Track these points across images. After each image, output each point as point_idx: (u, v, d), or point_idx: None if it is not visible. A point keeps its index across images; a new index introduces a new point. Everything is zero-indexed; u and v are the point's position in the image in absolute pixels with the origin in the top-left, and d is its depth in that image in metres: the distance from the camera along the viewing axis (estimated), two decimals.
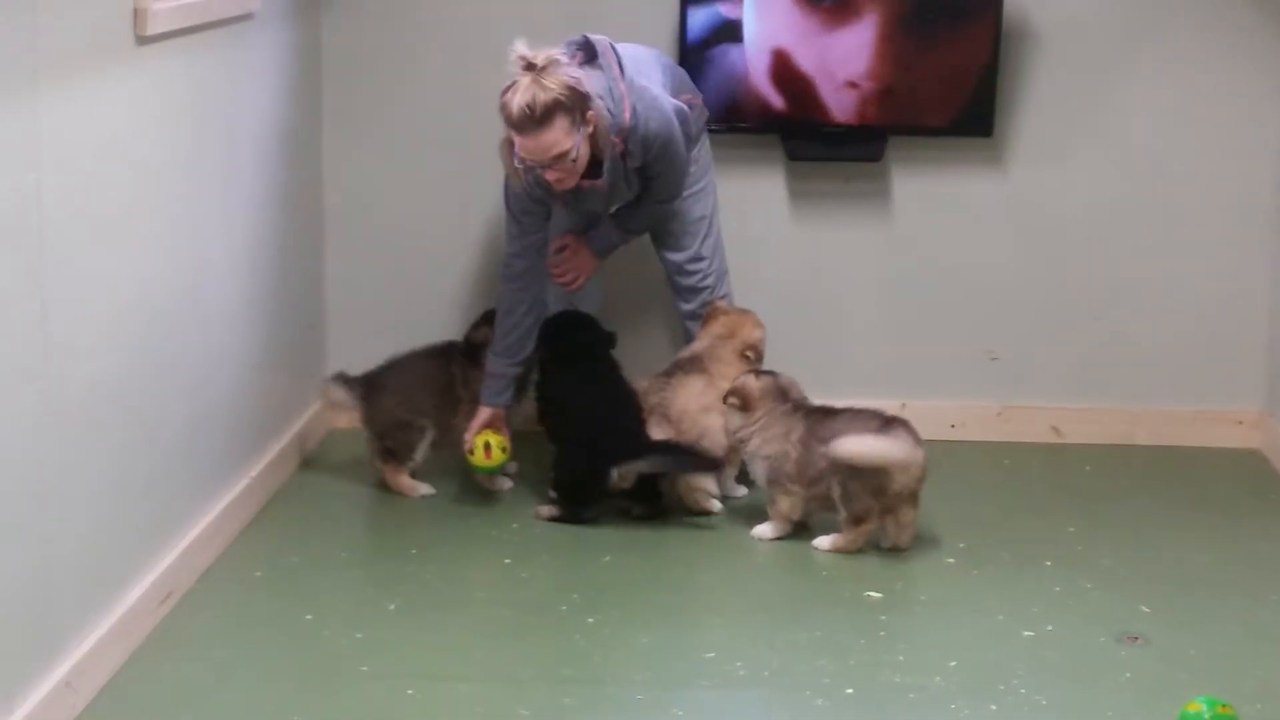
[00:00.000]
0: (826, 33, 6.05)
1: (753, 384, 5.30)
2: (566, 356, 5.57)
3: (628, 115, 5.22)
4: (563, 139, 5.06)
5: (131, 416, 4.42)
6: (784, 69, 6.07)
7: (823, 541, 5.18)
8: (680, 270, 5.71)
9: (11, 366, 3.70)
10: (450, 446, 5.69)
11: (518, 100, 5.01)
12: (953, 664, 4.42)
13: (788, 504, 5.20)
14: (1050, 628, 4.67)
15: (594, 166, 5.26)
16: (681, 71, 5.74)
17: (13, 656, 3.75)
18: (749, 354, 5.59)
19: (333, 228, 6.33)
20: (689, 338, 5.73)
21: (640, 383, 5.58)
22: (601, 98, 5.18)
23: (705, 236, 5.71)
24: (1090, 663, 4.46)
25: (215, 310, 5.08)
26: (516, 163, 5.20)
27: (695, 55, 6.05)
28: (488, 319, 5.62)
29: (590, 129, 5.13)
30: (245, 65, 5.32)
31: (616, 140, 5.23)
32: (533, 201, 5.34)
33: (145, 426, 4.52)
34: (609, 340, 5.67)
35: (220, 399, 5.13)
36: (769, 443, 5.22)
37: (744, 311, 5.69)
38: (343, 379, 5.79)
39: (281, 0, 5.61)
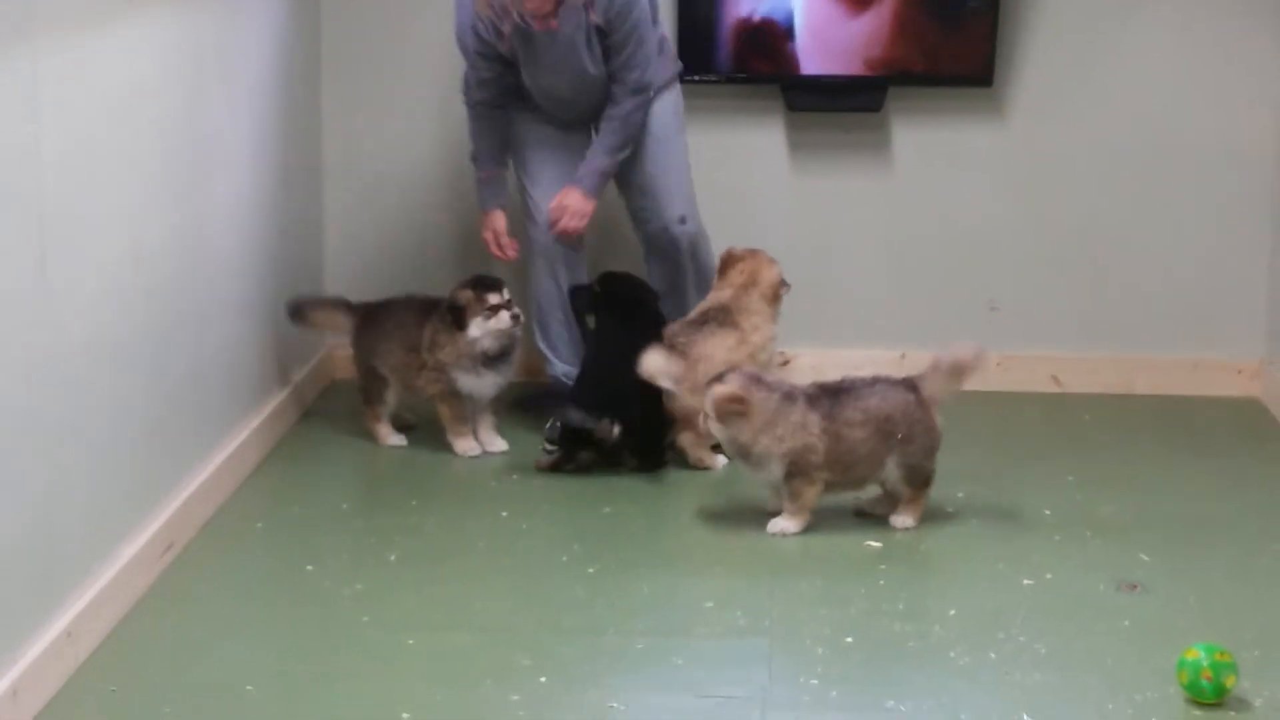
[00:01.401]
0: None
1: (729, 388, 4.92)
2: (615, 316, 5.59)
3: None
4: None
5: (131, 368, 4.42)
6: (783, 20, 6.06)
7: (902, 519, 5.04)
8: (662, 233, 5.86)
9: (11, 319, 3.70)
10: (413, 405, 5.74)
11: None
12: (952, 612, 4.43)
13: (814, 494, 4.99)
14: (1050, 576, 4.67)
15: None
16: None
17: (14, 608, 3.76)
18: (780, 294, 5.60)
19: (331, 178, 6.33)
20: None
21: (670, 327, 5.53)
22: None
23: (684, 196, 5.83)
24: (1089, 611, 4.46)
25: (214, 262, 5.08)
26: None
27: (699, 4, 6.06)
28: (471, 283, 5.53)
29: None
30: (242, 14, 5.31)
31: None
32: (484, 43, 5.57)
33: (145, 378, 4.52)
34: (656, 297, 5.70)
35: (220, 350, 5.14)
36: (782, 440, 4.91)
37: (754, 253, 5.67)
38: (345, 305, 5.80)
39: None
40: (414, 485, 5.35)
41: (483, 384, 5.53)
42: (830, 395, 4.99)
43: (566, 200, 5.67)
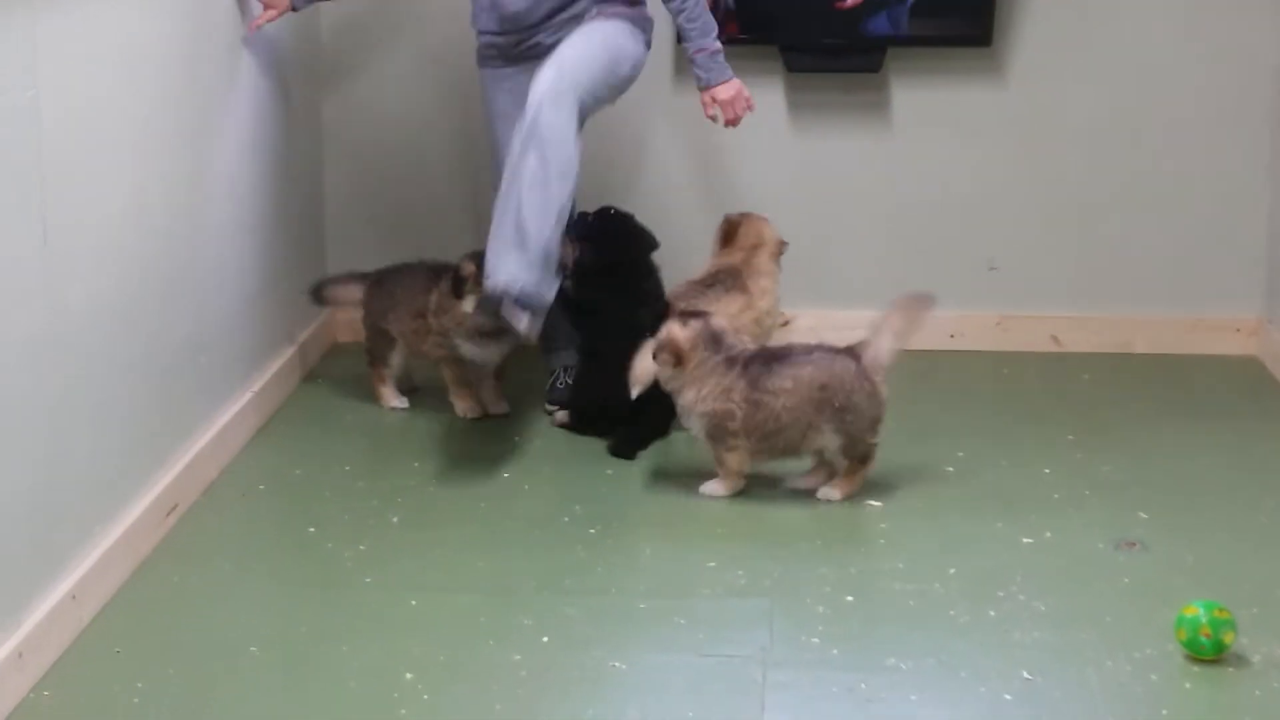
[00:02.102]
0: None
1: (680, 334, 4.89)
2: (609, 263, 5.45)
3: None
4: None
5: (134, 332, 4.43)
6: None
7: (829, 492, 4.96)
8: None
9: (13, 284, 3.71)
10: (420, 369, 5.76)
11: None
12: (952, 571, 4.45)
13: (736, 459, 4.92)
14: (1049, 535, 4.69)
15: None
16: None
17: (19, 570, 3.78)
18: (781, 253, 5.62)
19: (331, 142, 6.33)
20: None
21: (677, 289, 5.53)
22: None
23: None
24: (1088, 569, 4.48)
25: (215, 226, 5.09)
26: None
27: None
28: (476, 256, 5.38)
29: None
30: None
31: None
32: None
33: (147, 342, 4.53)
34: (653, 244, 5.55)
35: (222, 314, 5.15)
36: (704, 400, 4.87)
37: (749, 215, 5.69)
38: (359, 275, 5.83)
39: None
40: (416, 447, 5.37)
41: (485, 352, 5.51)
42: (764, 362, 4.90)
43: (720, 98, 5.39)
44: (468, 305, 5.34)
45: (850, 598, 4.30)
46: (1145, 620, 4.13)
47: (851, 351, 4.92)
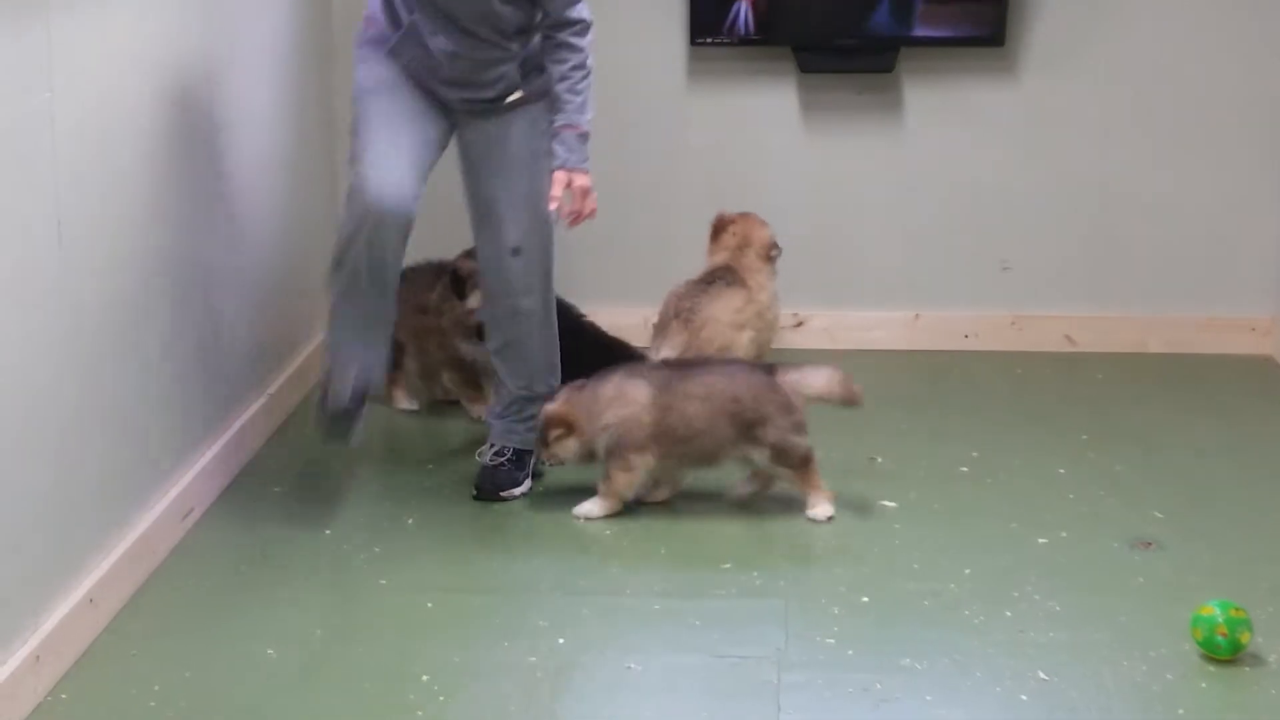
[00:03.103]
0: None
1: (552, 409, 4.81)
2: None
3: None
4: None
5: (149, 334, 4.44)
6: None
7: (816, 510, 4.83)
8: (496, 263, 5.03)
9: (28, 286, 3.71)
10: (427, 376, 5.73)
11: None
12: (967, 571, 4.45)
13: (626, 480, 4.79)
14: (1064, 534, 4.69)
15: None
16: None
17: (36, 573, 3.78)
18: (772, 255, 5.61)
19: (345, 140, 6.32)
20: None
21: (675, 288, 5.51)
22: None
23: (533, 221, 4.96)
24: (1104, 569, 4.48)
25: (231, 226, 5.09)
26: None
27: None
28: (473, 252, 5.32)
29: None
30: None
31: None
32: None
33: (163, 344, 4.54)
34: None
35: (237, 315, 5.15)
36: (610, 422, 4.77)
37: (745, 215, 5.69)
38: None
39: None
40: (431, 448, 5.38)
41: (479, 352, 5.43)
42: (676, 370, 4.88)
43: (576, 184, 4.80)
44: (473, 300, 5.35)
45: (865, 598, 4.30)
46: (1161, 620, 4.13)
47: (769, 368, 4.88)
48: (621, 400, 4.77)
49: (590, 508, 4.83)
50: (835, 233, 6.30)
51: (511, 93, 4.84)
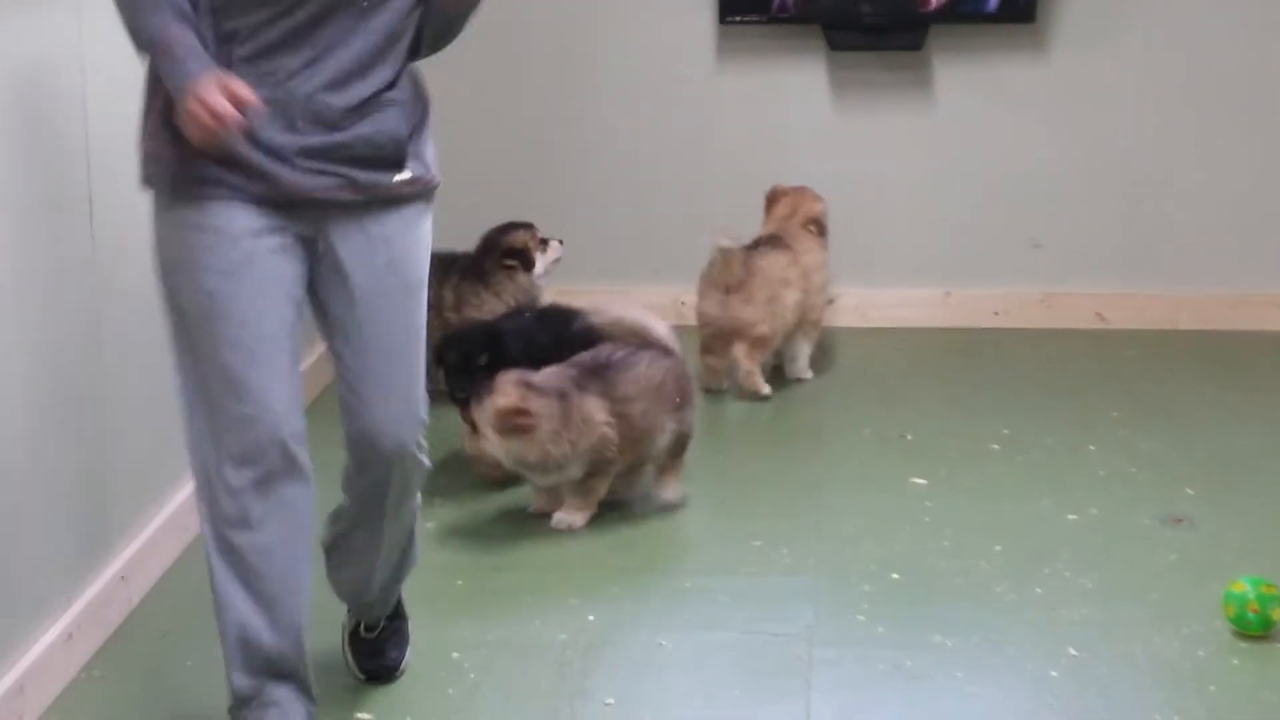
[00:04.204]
0: None
1: (519, 396, 4.41)
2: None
3: None
4: None
5: None
6: None
7: (670, 493, 4.74)
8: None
9: (62, 269, 3.73)
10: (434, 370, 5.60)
11: None
12: (997, 548, 4.44)
13: (605, 485, 4.62)
14: (1095, 511, 4.68)
15: None
16: None
17: (70, 551, 3.80)
18: (812, 227, 5.63)
19: None
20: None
21: (724, 253, 5.51)
22: None
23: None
24: (1135, 545, 4.47)
25: None
26: None
27: None
28: (507, 227, 5.40)
29: None
30: None
31: None
32: None
33: None
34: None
35: None
36: (578, 441, 4.48)
37: (801, 188, 5.72)
38: None
39: None
40: (458, 428, 5.37)
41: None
42: (597, 374, 4.55)
43: None
44: (540, 267, 5.41)
45: (895, 575, 4.30)
46: (1192, 596, 4.12)
47: (665, 348, 4.69)
48: (588, 423, 4.48)
49: (572, 519, 4.59)
50: (866, 211, 6.28)
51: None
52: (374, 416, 3.47)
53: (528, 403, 4.40)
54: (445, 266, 5.35)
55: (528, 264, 5.45)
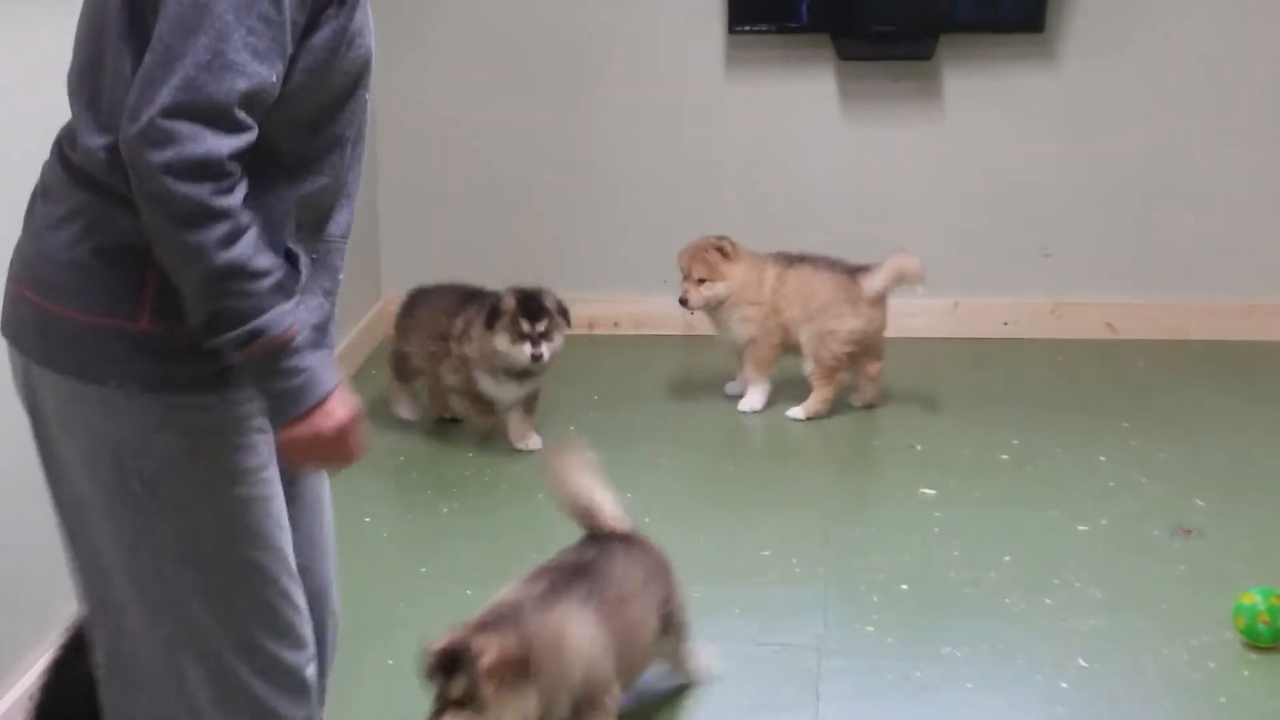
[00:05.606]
0: None
1: (499, 649, 3.18)
2: None
3: None
4: None
5: None
6: None
7: None
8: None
9: None
10: (437, 395, 5.52)
11: None
12: (1007, 559, 4.44)
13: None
14: (1104, 522, 4.68)
15: None
16: None
17: None
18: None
19: (385, 140, 6.33)
20: None
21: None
22: None
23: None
24: (1145, 556, 4.46)
25: None
26: None
27: None
28: (521, 297, 5.11)
29: None
30: None
31: None
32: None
33: None
34: None
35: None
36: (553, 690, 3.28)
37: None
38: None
39: None
40: (468, 438, 5.38)
41: (502, 390, 5.23)
42: (579, 577, 3.51)
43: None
44: (500, 342, 5.11)
45: (905, 586, 4.29)
46: (1202, 607, 4.11)
47: (631, 536, 3.79)
48: (575, 647, 3.37)
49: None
50: (874, 220, 6.28)
51: None
52: None
53: (523, 649, 3.24)
54: (467, 299, 5.32)
55: (490, 322, 5.13)
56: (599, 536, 3.70)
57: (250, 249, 2.32)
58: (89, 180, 2.41)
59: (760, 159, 6.27)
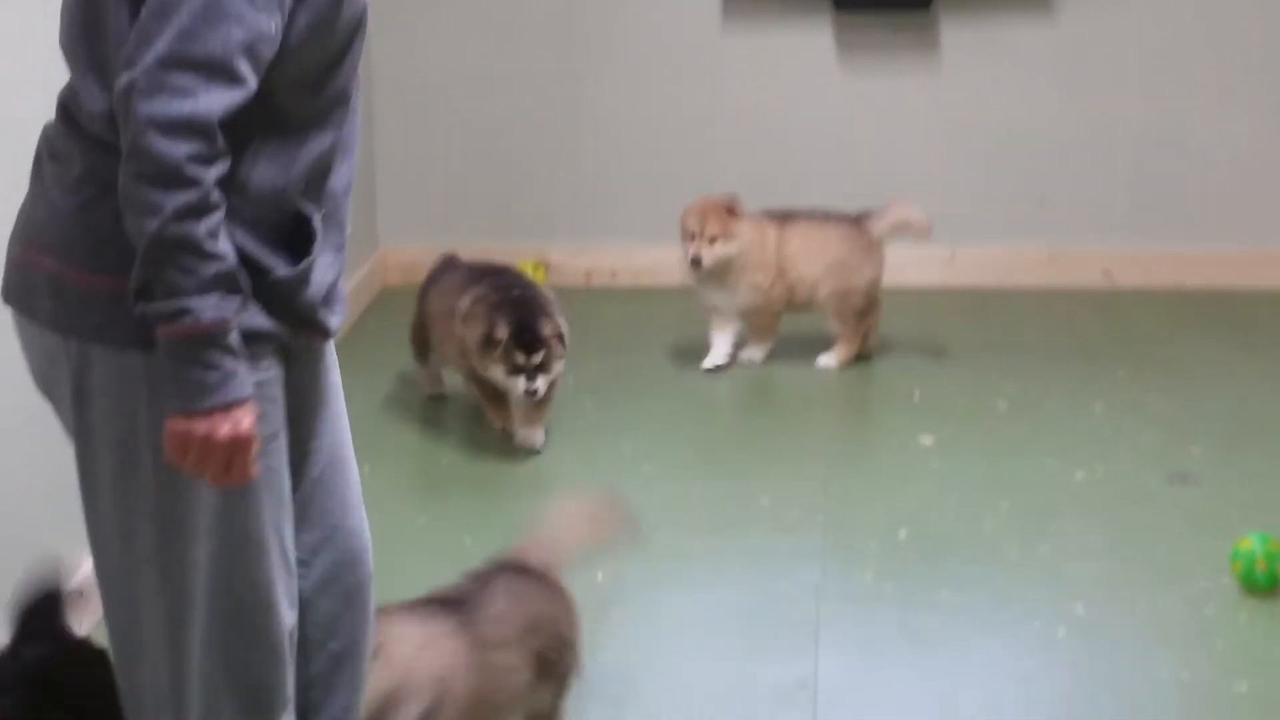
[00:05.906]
0: None
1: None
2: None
3: None
4: None
5: None
6: None
7: None
8: None
9: None
10: (433, 370, 5.36)
11: None
12: (1004, 506, 4.45)
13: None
14: (1101, 470, 4.69)
15: None
16: None
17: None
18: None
19: (381, 89, 6.31)
20: None
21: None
22: None
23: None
24: (1142, 503, 4.48)
25: None
26: None
27: None
28: (517, 327, 4.80)
29: None
30: None
31: None
32: None
33: None
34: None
35: None
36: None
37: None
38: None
39: None
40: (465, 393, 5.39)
41: (509, 382, 4.87)
42: (461, 609, 3.32)
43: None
44: (495, 372, 4.85)
45: (902, 533, 4.31)
46: (1199, 554, 4.13)
47: (537, 567, 3.54)
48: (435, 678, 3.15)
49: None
50: (872, 170, 6.27)
51: None
52: None
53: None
54: (475, 278, 5.08)
55: (486, 350, 4.88)
56: (505, 567, 3.46)
57: (207, 230, 2.28)
58: (100, 143, 2.40)
59: (757, 110, 6.26)
